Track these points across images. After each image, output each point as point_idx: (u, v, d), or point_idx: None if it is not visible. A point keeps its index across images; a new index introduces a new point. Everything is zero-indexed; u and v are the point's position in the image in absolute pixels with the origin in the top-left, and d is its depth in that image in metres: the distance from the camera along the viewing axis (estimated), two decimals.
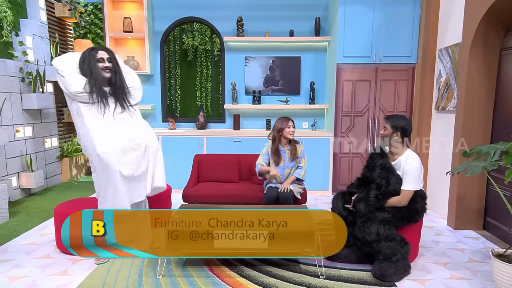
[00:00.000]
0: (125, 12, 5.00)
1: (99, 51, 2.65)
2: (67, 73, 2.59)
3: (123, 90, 2.75)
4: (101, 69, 2.64)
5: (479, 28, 3.20)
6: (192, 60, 5.20)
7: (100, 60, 2.63)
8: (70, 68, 2.62)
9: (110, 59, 2.68)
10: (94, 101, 2.61)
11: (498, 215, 3.27)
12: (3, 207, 3.60)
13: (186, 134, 4.74)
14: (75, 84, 2.56)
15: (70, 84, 2.56)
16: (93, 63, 2.61)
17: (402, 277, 2.49)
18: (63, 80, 2.58)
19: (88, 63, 2.61)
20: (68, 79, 2.57)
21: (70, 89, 2.56)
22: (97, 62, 2.62)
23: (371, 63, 4.42)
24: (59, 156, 5.24)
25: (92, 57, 2.62)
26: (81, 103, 2.60)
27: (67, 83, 2.56)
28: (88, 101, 2.60)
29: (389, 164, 2.67)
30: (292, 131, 3.34)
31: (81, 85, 2.57)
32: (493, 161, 2.34)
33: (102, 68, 2.64)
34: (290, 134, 3.33)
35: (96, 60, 2.62)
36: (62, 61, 2.64)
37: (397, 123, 2.65)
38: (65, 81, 2.57)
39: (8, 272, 2.56)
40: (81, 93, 2.56)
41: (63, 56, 2.72)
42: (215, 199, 3.49)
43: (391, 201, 2.59)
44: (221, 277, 2.48)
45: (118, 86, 2.72)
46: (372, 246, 2.51)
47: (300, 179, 3.37)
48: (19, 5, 4.62)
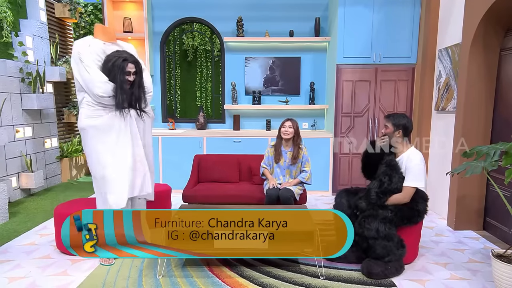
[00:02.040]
0: (125, 13, 5.00)
1: (129, 63, 2.59)
2: (94, 72, 2.50)
3: (140, 102, 2.73)
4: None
5: (479, 29, 3.20)
6: (192, 61, 5.21)
7: (127, 73, 2.59)
8: (93, 62, 2.53)
9: (136, 72, 2.65)
10: (113, 107, 2.60)
11: (498, 215, 3.27)
12: (3, 208, 3.60)
13: (186, 135, 4.74)
14: (102, 88, 2.49)
15: (97, 86, 2.48)
16: (122, 76, 2.55)
17: (392, 276, 2.49)
18: (87, 76, 2.48)
19: (119, 75, 2.53)
20: (94, 78, 2.48)
21: (96, 90, 2.48)
22: (125, 75, 2.57)
23: (371, 64, 4.42)
24: (59, 156, 5.24)
25: (122, 69, 2.54)
26: (97, 102, 2.57)
27: (93, 83, 2.48)
28: (107, 105, 2.57)
29: (394, 162, 2.66)
30: (287, 131, 3.37)
31: (109, 91, 2.52)
32: (493, 162, 2.34)
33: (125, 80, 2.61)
34: (284, 133, 3.38)
35: (125, 72, 2.57)
36: (86, 53, 2.51)
37: (399, 121, 2.66)
38: (91, 80, 2.48)
39: (8, 273, 2.56)
40: (103, 97, 2.52)
41: (82, 43, 2.56)
42: (215, 200, 3.49)
43: (393, 199, 2.59)
44: (221, 278, 2.48)
45: (136, 97, 2.69)
46: (369, 242, 2.51)
47: (302, 182, 3.39)
48: (19, 6, 4.62)
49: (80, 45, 2.55)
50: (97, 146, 2.59)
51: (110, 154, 2.59)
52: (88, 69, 2.50)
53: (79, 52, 2.51)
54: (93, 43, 2.60)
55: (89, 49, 2.55)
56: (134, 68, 2.62)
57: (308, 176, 3.39)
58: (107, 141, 2.59)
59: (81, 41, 2.60)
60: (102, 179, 2.60)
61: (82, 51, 2.52)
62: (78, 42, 2.58)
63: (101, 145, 2.58)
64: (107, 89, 2.52)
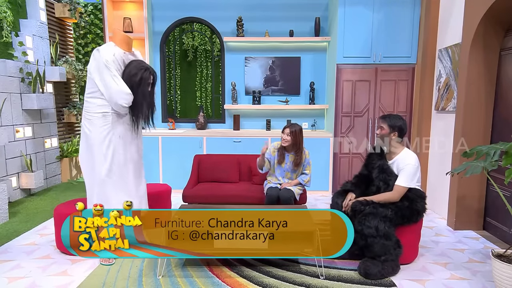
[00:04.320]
0: (125, 13, 5.00)
1: (152, 75, 2.63)
2: (121, 82, 2.49)
3: (153, 110, 2.78)
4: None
5: (479, 29, 3.20)
6: (192, 61, 5.21)
7: (149, 84, 2.63)
8: (118, 72, 2.52)
9: (153, 83, 2.69)
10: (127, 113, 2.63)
11: (498, 215, 3.27)
12: (3, 208, 3.60)
13: (186, 135, 4.74)
14: (128, 100, 2.50)
15: (123, 98, 2.48)
16: (145, 89, 2.58)
17: (388, 276, 2.49)
18: (112, 84, 2.46)
19: (143, 87, 2.57)
20: (121, 89, 2.48)
21: (121, 102, 2.48)
22: (148, 86, 2.62)
23: (371, 63, 4.42)
24: (59, 156, 5.24)
25: (146, 79, 2.57)
26: (113, 111, 2.57)
27: (120, 95, 2.47)
28: (122, 112, 2.59)
29: (386, 166, 2.69)
30: (285, 139, 3.31)
31: (130, 102, 2.53)
32: (493, 161, 2.34)
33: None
34: (282, 141, 3.34)
35: (148, 84, 2.61)
36: (112, 62, 2.49)
37: (394, 122, 2.66)
38: (117, 91, 2.47)
39: (8, 273, 2.56)
40: (124, 107, 2.53)
41: (109, 51, 2.53)
42: (215, 200, 3.49)
43: (383, 197, 2.59)
44: (221, 278, 2.48)
45: (152, 106, 2.76)
46: (367, 240, 2.52)
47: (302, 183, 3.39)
48: (19, 6, 4.62)
49: (107, 53, 2.52)
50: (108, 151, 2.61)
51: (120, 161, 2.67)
52: (115, 79, 2.48)
53: (106, 61, 2.47)
54: (116, 52, 2.58)
55: (114, 57, 2.53)
56: (152, 79, 2.68)
57: (308, 179, 3.40)
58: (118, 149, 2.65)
59: (106, 48, 2.55)
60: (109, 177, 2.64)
61: (110, 59, 2.49)
62: (104, 49, 2.53)
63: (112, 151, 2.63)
64: (130, 101, 2.54)
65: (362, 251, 2.63)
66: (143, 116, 2.66)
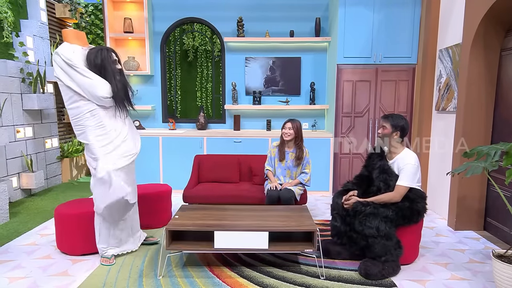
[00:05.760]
0: (125, 13, 5.00)
1: (111, 52, 2.55)
2: (93, 75, 2.44)
3: (129, 90, 2.70)
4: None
5: (479, 29, 3.20)
6: (192, 61, 5.21)
7: (114, 61, 2.55)
8: (83, 65, 2.46)
9: (118, 61, 2.62)
10: (112, 104, 2.57)
11: (499, 215, 3.27)
12: (4, 208, 3.60)
13: (187, 135, 4.75)
14: (104, 89, 2.44)
15: (100, 89, 2.42)
16: (114, 67, 2.51)
17: (389, 277, 2.49)
18: (85, 80, 2.41)
19: (110, 66, 2.49)
20: (96, 82, 2.43)
21: (99, 92, 2.42)
22: (114, 64, 2.53)
23: (372, 64, 4.42)
24: (59, 156, 5.24)
25: (110, 58, 2.50)
26: (99, 106, 2.51)
27: (95, 85, 2.42)
28: (107, 105, 2.54)
29: (387, 166, 2.69)
30: (287, 132, 3.37)
31: (110, 91, 2.48)
32: (494, 162, 2.34)
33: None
34: (284, 135, 3.39)
35: (113, 61, 2.53)
36: (75, 59, 2.42)
37: (397, 122, 2.66)
38: (92, 84, 2.42)
39: (8, 273, 2.56)
40: (107, 98, 2.48)
41: (67, 50, 2.44)
42: (216, 200, 3.50)
43: (384, 197, 2.59)
44: (221, 278, 2.48)
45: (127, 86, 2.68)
46: (368, 241, 2.52)
47: (302, 183, 3.40)
48: (20, 6, 4.63)
49: (66, 52, 2.43)
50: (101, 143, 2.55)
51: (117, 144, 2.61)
52: (86, 73, 2.43)
53: (68, 59, 2.40)
54: (75, 49, 2.50)
55: (75, 55, 2.45)
56: (116, 56, 2.60)
57: (308, 178, 3.41)
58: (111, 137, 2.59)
59: (63, 49, 2.46)
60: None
61: (71, 57, 2.41)
62: (60, 50, 2.44)
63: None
64: (108, 89, 2.50)
65: (362, 252, 2.63)
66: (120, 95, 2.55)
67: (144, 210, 3.24)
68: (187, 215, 2.70)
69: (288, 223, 2.55)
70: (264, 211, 2.83)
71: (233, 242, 2.43)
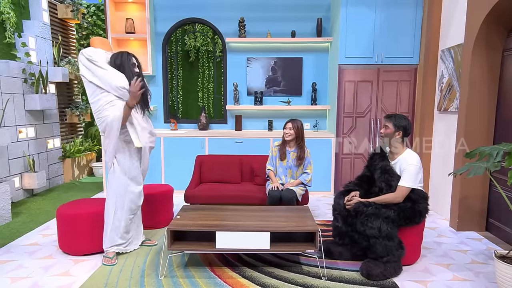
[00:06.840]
0: (127, 13, 5.01)
1: (131, 56, 2.76)
2: (111, 68, 2.65)
3: (147, 94, 2.86)
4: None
5: (481, 29, 3.20)
6: (194, 61, 5.22)
7: (133, 64, 2.75)
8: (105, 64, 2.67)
9: (138, 65, 2.81)
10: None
11: (501, 216, 3.26)
12: (6, 208, 3.61)
13: (188, 135, 4.75)
14: (121, 79, 2.62)
15: (116, 78, 2.61)
16: (132, 69, 2.72)
17: (391, 277, 2.48)
18: (105, 73, 2.60)
19: (129, 67, 2.70)
20: (112, 72, 2.63)
21: (116, 83, 2.60)
22: (132, 66, 2.74)
23: (373, 64, 4.42)
24: (61, 156, 5.26)
25: (129, 61, 2.72)
26: (117, 97, 2.66)
27: (113, 76, 2.61)
28: (124, 98, 2.67)
29: (389, 167, 2.68)
30: (288, 132, 3.39)
31: (126, 81, 2.64)
32: (496, 162, 2.33)
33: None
34: (285, 135, 3.41)
35: (132, 64, 2.74)
36: (96, 56, 2.65)
37: (400, 122, 2.65)
38: (109, 74, 2.61)
39: (10, 273, 2.57)
40: (124, 88, 2.63)
41: (89, 49, 2.71)
42: (217, 200, 3.50)
43: (386, 198, 2.59)
44: (223, 278, 2.48)
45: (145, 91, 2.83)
46: (369, 241, 2.52)
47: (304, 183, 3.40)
48: (22, 7, 4.65)
49: (87, 50, 2.67)
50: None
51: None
52: (104, 66, 2.63)
53: (89, 56, 2.61)
54: (98, 51, 2.72)
55: (97, 54, 2.67)
56: (135, 60, 2.79)
57: (310, 179, 3.41)
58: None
59: (86, 49, 2.71)
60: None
61: (91, 53, 2.63)
62: (83, 50, 2.69)
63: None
64: (125, 81, 2.65)
65: (364, 252, 2.63)
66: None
67: (146, 210, 3.25)
68: (188, 215, 2.70)
69: (290, 224, 2.55)
70: (266, 212, 2.83)
71: (235, 243, 2.43)
